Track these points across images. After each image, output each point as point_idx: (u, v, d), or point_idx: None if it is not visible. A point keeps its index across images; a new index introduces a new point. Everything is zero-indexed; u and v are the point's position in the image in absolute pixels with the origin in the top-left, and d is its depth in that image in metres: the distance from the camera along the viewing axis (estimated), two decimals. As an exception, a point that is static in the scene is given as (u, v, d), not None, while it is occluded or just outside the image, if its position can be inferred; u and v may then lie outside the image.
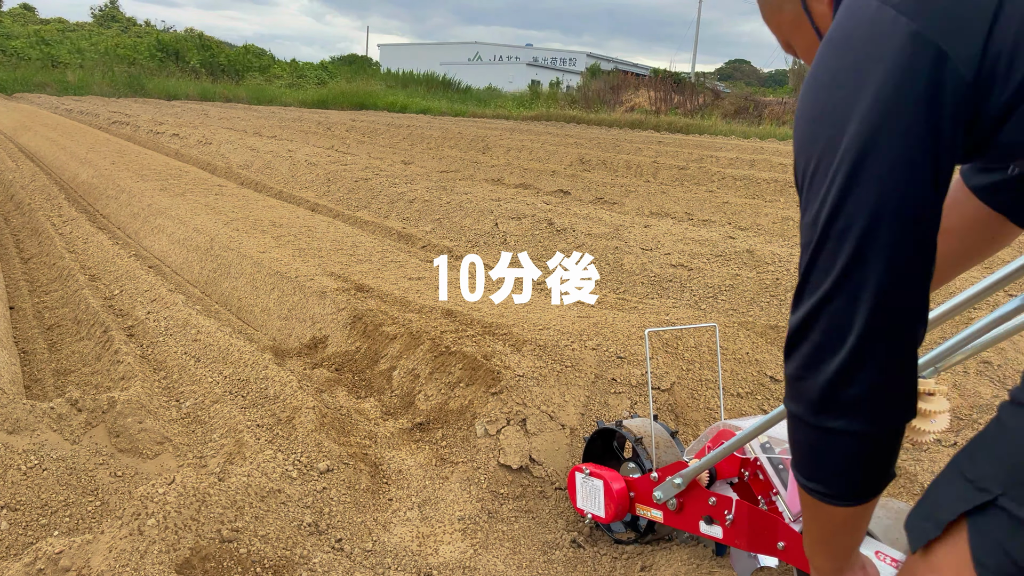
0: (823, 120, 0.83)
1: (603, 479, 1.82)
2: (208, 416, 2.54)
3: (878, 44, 0.77)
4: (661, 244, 4.45)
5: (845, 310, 0.83)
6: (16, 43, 31.41)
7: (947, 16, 0.74)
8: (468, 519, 2.00)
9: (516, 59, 48.26)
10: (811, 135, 0.84)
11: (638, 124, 19.27)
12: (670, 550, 1.82)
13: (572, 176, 8.21)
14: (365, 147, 11.18)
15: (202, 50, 33.96)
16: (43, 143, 10.42)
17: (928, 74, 0.74)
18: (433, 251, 4.88)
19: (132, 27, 46.94)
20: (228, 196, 6.31)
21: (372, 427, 2.35)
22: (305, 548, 1.80)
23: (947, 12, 0.74)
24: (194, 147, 10.40)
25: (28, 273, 4.47)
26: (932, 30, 0.74)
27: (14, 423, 2.08)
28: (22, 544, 1.82)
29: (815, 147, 0.84)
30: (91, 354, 3.13)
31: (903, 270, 0.80)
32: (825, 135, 0.82)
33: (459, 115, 23.28)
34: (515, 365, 2.41)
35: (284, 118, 17.04)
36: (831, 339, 0.84)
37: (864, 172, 0.78)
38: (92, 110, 16.65)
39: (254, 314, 3.64)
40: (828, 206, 0.82)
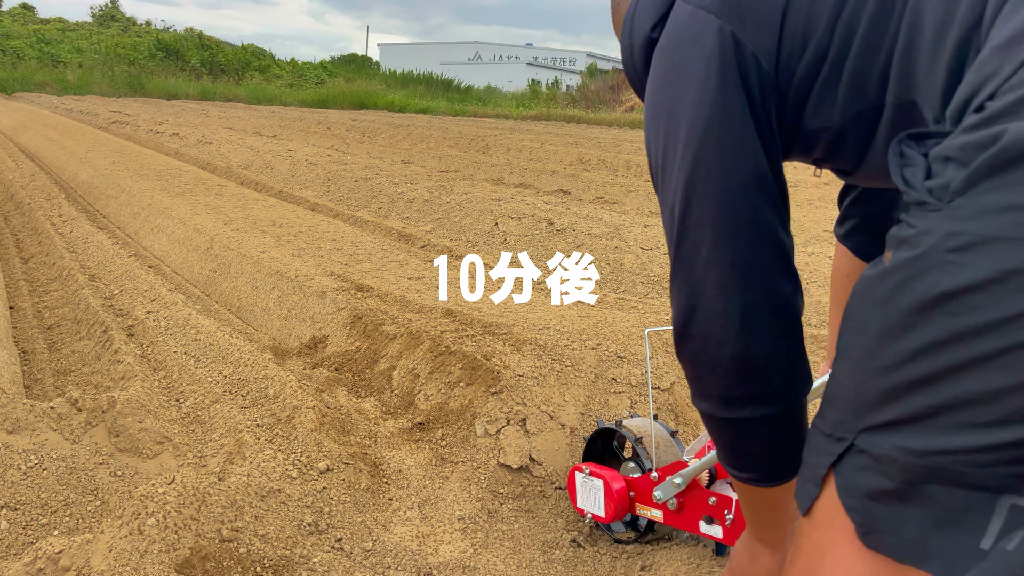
0: (661, 117, 0.91)
1: (603, 479, 1.82)
2: (208, 416, 2.54)
3: (695, 42, 0.86)
4: (661, 244, 4.45)
5: (719, 297, 0.88)
6: (16, 43, 31.42)
7: (746, 12, 0.84)
8: (468, 519, 2.00)
9: (516, 59, 48.27)
10: (654, 132, 0.93)
11: (638, 124, 19.26)
12: (670, 550, 1.82)
13: (572, 176, 8.21)
14: (365, 147, 11.18)
15: (202, 49, 33.97)
16: (43, 143, 10.41)
17: (736, 65, 0.83)
18: (433, 251, 4.88)
19: (132, 26, 46.93)
20: (228, 196, 6.31)
21: (372, 427, 2.35)
22: (305, 548, 1.80)
23: (746, 8, 0.84)
24: (194, 147, 10.40)
25: (28, 273, 4.47)
26: (735, 26, 0.84)
27: (14, 423, 2.08)
28: (22, 544, 1.82)
29: (659, 142, 0.91)
30: (91, 354, 3.13)
31: (763, 240, 0.87)
32: (664, 130, 0.90)
33: (459, 115, 23.28)
34: (515, 365, 2.41)
35: (284, 118, 17.03)
36: (713, 330, 0.90)
37: (704, 157, 0.86)
38: (92, 110, 16.65)
39: (254, 314, 3.64)
40: (680, 196, 0.89)
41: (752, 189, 0.86)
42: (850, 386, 0.69)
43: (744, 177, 0.86)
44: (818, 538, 0.73)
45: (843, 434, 0.70)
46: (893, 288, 0.65)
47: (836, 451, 0.70)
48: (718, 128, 0.85)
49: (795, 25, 0.83)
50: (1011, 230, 0.56)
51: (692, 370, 0.96)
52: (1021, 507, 0.60)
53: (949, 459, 0.61)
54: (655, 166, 0.94)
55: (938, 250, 0.61)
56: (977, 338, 0.58)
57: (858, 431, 0.68)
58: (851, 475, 0.69)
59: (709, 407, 0.96)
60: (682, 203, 0.89)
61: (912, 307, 0.63)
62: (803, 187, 6.85)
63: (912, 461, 0.63)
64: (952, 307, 0.60)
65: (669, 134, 0.90)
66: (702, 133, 0.86)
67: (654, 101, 0.93)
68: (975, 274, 0.58)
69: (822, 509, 0.73)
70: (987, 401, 0.58)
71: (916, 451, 0.63)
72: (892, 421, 0.64)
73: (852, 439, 0.68)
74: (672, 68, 0.89)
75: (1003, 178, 0.58)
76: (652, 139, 0.94)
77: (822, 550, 0.72)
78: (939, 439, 0.61)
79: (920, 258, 0.63)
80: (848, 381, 0.70)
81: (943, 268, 0.60)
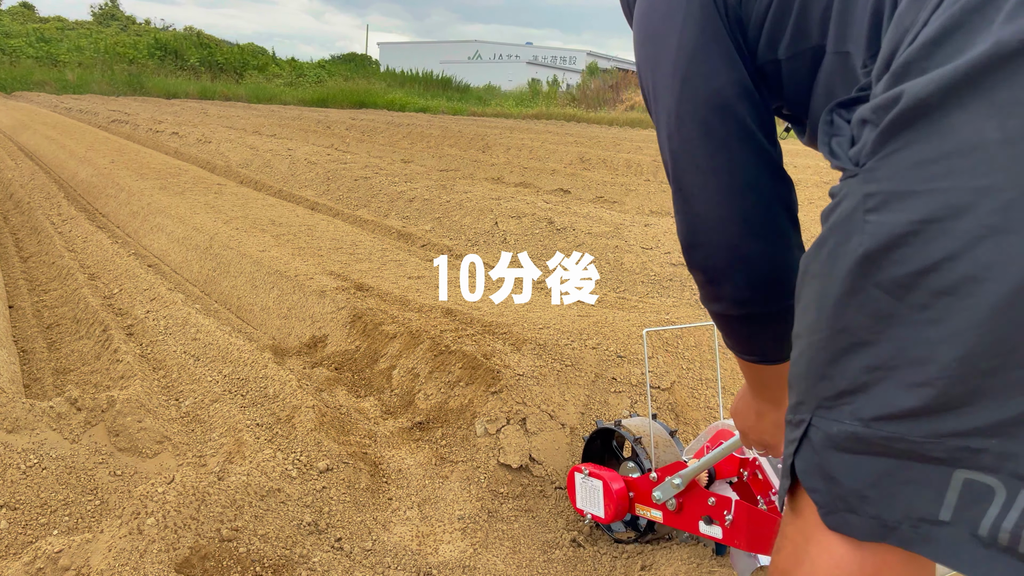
0: (650, 41, 0.97)
1: (602, 479, 1.82)
2: (208, 415, 2.54)
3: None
4: (662, 243, 4.45)
5: (719, 204, 0.94)
6: (15, 41, 31.39)
7: None
8: (468, 518, 2.00)
9: (516, 57, 48.22)
10: (644, 57, 0.98)
11: (638, 123, 19.26)
12: (670, 550, 1.82)
13: (572, 175, 8.21)
14: (365, 146, 11.17)
15: (201, 48, 33.95)
16: (42, 142, 10.41)
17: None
18: (433, 250, 4.88)
19: (131, 25, 46.88)
20: (227, 195, 6.30)
21: (372, 426, 2.35)
22: (305, 547, 1.80)
23: None
24: (193, 146, 10.39)
25: (27, 272, 4.47)
26: None
27: (13, 422, 2.08)
28: (21, 543, 1.82)
29: (649, 65, 0.97)
30: (90, 353, 3.13)
31: (753, 148, 0.92)
32: (654, 53, 0.96)
33: (458, 114, 23.27)
34: (515, 364, 2.41)
35: (284, 116, 17.02)
36: (717, 236, 0.96)
37: (691, 74, 0.91)
38: (91, 108, 16.63)
39: (253, 313, 3.64)
40: (673, 112, 0.94)
41: (737, 100, 0.91)
42: (801, 364, 0.71)
43: (729, 90, 0.91)
44: (801, 525, 0.74)
45: (801, 416, 0.70)
46: (825, 258, 0.67)
47: (797, 435, 0.71)
48: (703, 48, 0.91)
49: None
50: (919, 183, 0.58)
51: (702, 276, 1.01)
52: (975, 481, 0.60)
53: (898, 426, 0.62)
54: (647, 89, 1.00)
55: (858, 212, 0.63)
56: (902, 291, 0.59)
57: (813, 409, 0.69)
58: (808, 456, 0.70)
59: (720, 307, 1.03)
60: (675, 119, 0.94)
61: (843, 271, 0.64)
62: (804, 186, 6.85)
63: (863, 431, 0.64)
64: (876, 266, 0.61)
65: (657, 56, 0.95)
66: (689, 53, 0.91)
67: (642, 26, 0.99)
68: (892, 230, 0.59)
69: (801, 497, 0.73)
70: (923, 358, 0.59)
71: (864, 419, 0.64)
72: (841, 392, 0.65)
73: (809, 419, 0.69)
74: None
75: (908, 136, 0.59)
76: (643, 61, 0.99)
77: (805, 535, 0.73)
78: (884, 403, 0.62)
79: (843, 223, 0.64)
80: (800, 360, 0.71)
81: (863, 229, 0.62)
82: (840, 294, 0.64)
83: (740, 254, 0.95)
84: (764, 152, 0.93)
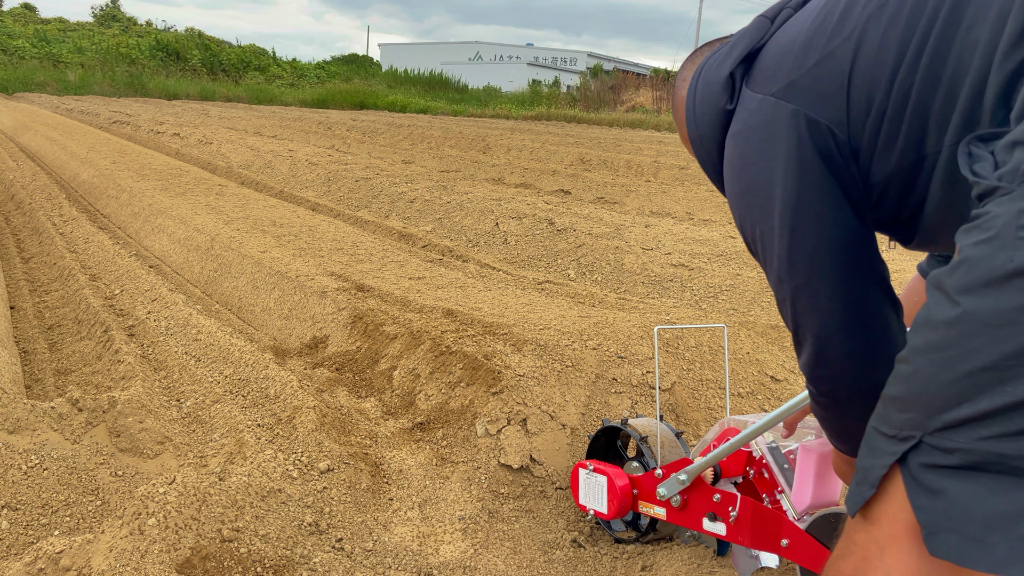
0: (750, 193, 1.00)
1: (607, 475, 1.82)
2: (209, 416, 2.54)
3: (771, 125, 0.96)
4: (662, 244, 4.45)
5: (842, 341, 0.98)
6: (17, 42, 31.43)
7: (813, 92, 0.93)
8: (468, 519, 2.00)
9: (517, 59, 48.23)
10: (745, 207, 1.02)
11: (639, 124, 19.26)
12: (671, 550, 1.82)
13: (573, 176, 8.21)
14: (366, 147, 11.18)
15: (203, 49, 33.97)
16: (44, 143, 10.42)
17: (813, 139, 0.93)
18: (434, 251, 4.88)
19: (133, 26, 46.93)
20: (229, 196, 6.31)
21: (372, 427, 2.35)
22: (305, 548, 1.80)
23: (812, 90, 0.93)
24: (195, 147, 10.40)
25: (29, 273, 4.47)
26: (805, 106, 0.93)
27: (15, 423, 2.08)
28: (23, 544, 1.82)
29: (751, 216, 1.01)
30: (92, 354, 3.13)
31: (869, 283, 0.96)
32: (757, 204, 0.99)
33: (458, 115, 23.27)
34: (516, 365, 2.41)
35: (285, 118, 17.03)
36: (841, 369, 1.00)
37: (799, 226, 0.95)
38: (93, 109, 16.65)
39: (255, 314, 3.64)
40: (785, 262, 0.98)
41: (846, 241, 0.95)
42: (920, 383, 0.69)
43: (837, 232, 0.94)
44: (877, 534, 0.74)
45: (911, 432, 0.70)
46: (964, 276, 0.65)
47: (900, 450, 0.70)
48: (806, 197, 0.94)
49: (859, 90, 0.90)
50: None
51: (825, 401, 1.06)
52: None
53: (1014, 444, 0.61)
54: (750, 239, 1.04)
55: (1010, 228, 0.62)
56: None
57: (932, 429, 0.68)
58: (919, 472, 0.69)
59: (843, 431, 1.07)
60: (787, 265, 0.98)
61: (986, 290, 0.63)
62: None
63: (987, 447, 0.63)
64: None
65: (760, 209, 0.99)
66: (793, 204, 0.95)
67: (739, 180, 1.02)
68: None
69: (882, 507, 0.73)
70: None
71: (984, 437, 0.63)
72: (972, 416, 0.64)
73: (920, 436, 0.68)
74: (752, 152, 0.99)
75: None
76: (744, 213, 1.03)
77: (881, 545, 0.73)
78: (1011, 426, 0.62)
79: (991, 240, 0.63)
80: (918, 378, 0.70)
81: (1016, 245, 0.61)
82: (979, 313, 0.63)
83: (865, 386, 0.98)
84: (878, 282, 0.97)
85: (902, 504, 0.71)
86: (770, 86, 0.97)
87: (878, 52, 0.88)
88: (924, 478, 0.68)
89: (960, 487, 0.65)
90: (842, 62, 0.91)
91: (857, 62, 0.90)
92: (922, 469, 0.69)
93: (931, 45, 0.83)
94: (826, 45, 0.93)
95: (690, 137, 1.15)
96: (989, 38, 0.78)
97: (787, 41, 0.98)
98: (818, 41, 0.94)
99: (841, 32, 0.92)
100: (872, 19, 0.89)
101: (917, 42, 0.85)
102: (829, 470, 1.51)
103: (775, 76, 0.97)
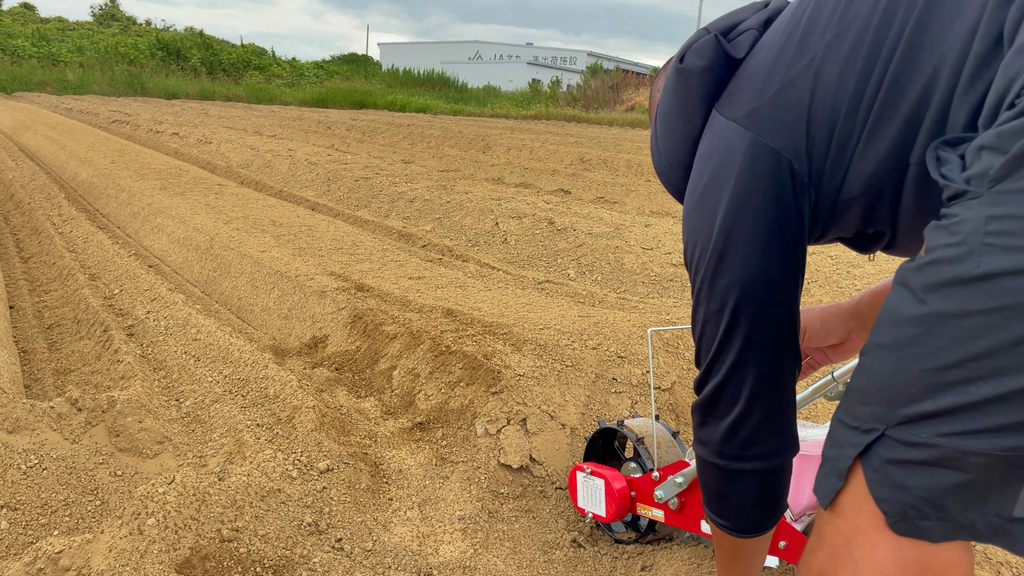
0: (697, 214, 1.01)
1: (604, 478, 1.82)
2: (208, 415, 2.54)
3: (728, 151, 0.96)
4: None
5: (732, 370, 1.01)
6: (16, 42, 31.42)
7: (773, 120, 0.93)
8: (468, 519, 2.00)
9: (516, 58, 48.24)
10: (690, 227, 1.03)
11: (639, 123, 19.25)
12: (670, 550, 1.82)
13: (573, 175, 8.21)
14: (365, 146, 11.17)
15: (203, 48, 33.96)
16: (43, 142, 10.41)
17: (768, 169, 0.92)
18: (433, 250, 4.88)
19: (132, 26, 46.93)
20: (228, 195, 6.30)
21: (372, 427, 2.34)
22: (305, 548, 1.80)
23: (772, 118, 0.93)
24: (194, 146, 10.40)
25: (28, 272, 4.47)
26: (765, 135, 0.93)
27: (14, 422, 2.08)
28: (22, 544, 1.82)
29: (693, 237, 1.02)
30: (91, 353, 3.13)
31: (773, 331, 0.99)
32: (700, 226, 1.01)
33: (458, 114, 23.27)
34: (515, 365, 2.41)
35: (284, 117, 17.03)
36: (725, 395, 1.03)
37: (728, 254, 0.97)
38: (92, 109, 16.64)
39: (254, 313, 3.64)
40: (705, 286, 1.01)
41: (771, 283, 0.97)
42: (884, 377, 0.71)
43: (766, 270, 0.96)
44: (842, 526, 0.75)
45: (873, 425, 0.71)
46: (931, 276, 0.67)
47: (863, 442, 0.71)
48: (741, 237, 0.96)
49: (821, 116, 0.89)
50: None
51: (699, 417, 1.09)
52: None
53: (979, 441, 0.63)
54: (691, 257, 1.05)
55: (977, 234, 0.63)
56: (1019, 319, 0.59)
57: (894, 423, 0.69)
58: (881, 466, 0.70)
59: (706, 453, 1.09)
60: (707, 292, 1.01)
61: (952, 292, 0.64)
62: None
63: (944, 445, 0.65)
64: (990, 288, 0.61)
65: (703, 231, 1.00)
66: (727, 236, 0.96)
67: (692, 199, 1.04)
68: (1019, 256, 0.59)
69: (847, 499, 0.74)
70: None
71: (946, 434, 0.64)
72: (931, 413, 0.66)
73: (883, 429, 0.70)
74: (707, 173, 1.00)
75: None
76: (688, 232, 1.05)
77: (847, 538, 0.74)
78: (976, 423, 0.63)
79: (959, 244, 0.64)
80: (882, 372, 0.71)
81: (982, 251, 0.62)
82: (944, 313, 0.65)
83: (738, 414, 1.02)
84: (789, 328, 1.00)
85: (864, 495, 0.72)
86: (735, 111, 0.97)
87: (839, 80, 0.87)
88: (886, 471, 0.70)
89: (921, 481, 0.67)
90: (802, 91, 0.91)
91: (817, 91, 0.89)
92: (884, 463, 0.70)
93: (891, 73, 0.83)
94: (786, 72, 0.92)
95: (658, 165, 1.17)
96: (952, 66, 0.78)
97: (755, 65, 0.98)
98: (780, 67, 0.94)
99: (801, 60, 0.91)
100: (830, 49, 0.88)
101: (879, 69, 0.85)
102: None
103: (740, 101, 0.97)
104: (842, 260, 4.19)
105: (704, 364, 1.06)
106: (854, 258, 4.24)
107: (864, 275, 3.94)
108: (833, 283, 3.83)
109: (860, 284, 3.81)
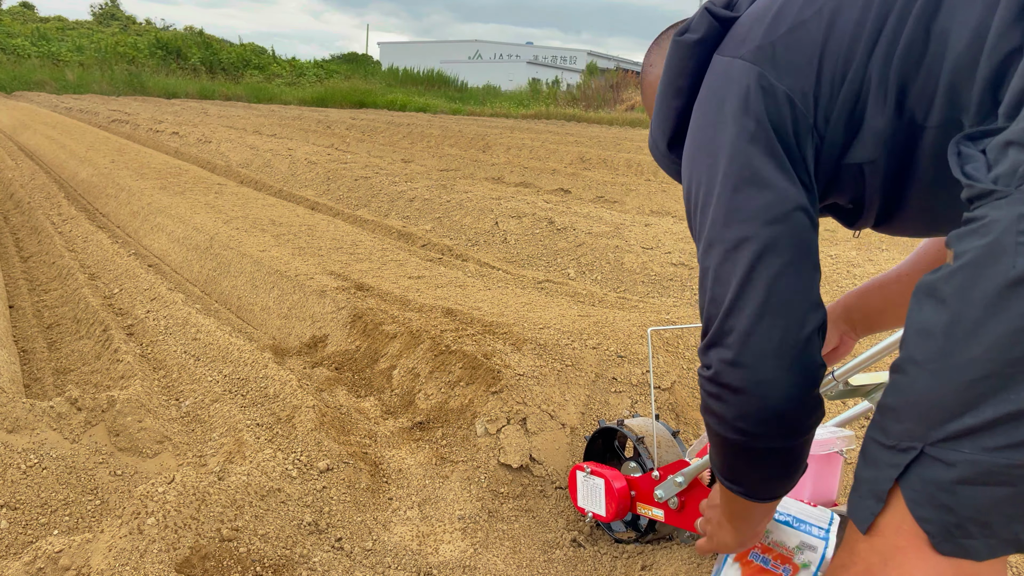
0: (700, 152, 0.95)
1: (604, 478, 1.82)
2: (208, 415, 2.54)
3: (732, 86, 0.92)
4: (662, 243, 4.44)
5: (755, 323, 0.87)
6: (16, 41, 31.40)
7: (780, 56, 0.90)
8: (468, 518, 2.00)
9: (516, 57, 48.21)
10: (693, 166, 0.97)
11: (639, 122, 19.25)
12: (670, 550, 1.82)
13: (572, 175, 8.21)
14: (365, 145, 11.17)
15: (203, 48, 33.95)
16: (42, 141, 10.41)
17: (774, 107, 0.88)
18: (433, 250, 4.88)
19: (132, 25, 46.91)
20: (228, 195, 6.30)
21: (372, 426, 2.34)
22: (305, 547, 1.80)
23: (781, 53, 0.90)
24: (194, 145, 10.39)
25: (27, 272, 4.47)
26: (772, 72, 0.89)
27: (14, 422, 2.08)
28: (22, 543, 1.82)
29: (697, 176, 0.96)
30: (91, 353, 3.13)
31: (792, 266, 0.88)
32: (704, 164, 0.94)
33: (458, 113, 23.26)
34: (515, 364, 2.41)
35: (284, 116, 17.02)
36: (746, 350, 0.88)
37: (741, 190, 0.89)
38: (92, 108, 16.64)
39: (254, 313, 3.63)
40: (719, 224, 0.91)
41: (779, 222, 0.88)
42: (918, 393, 0.68)
43: (775, 210, 0.88)
44: (880, 545, 0.73)
45: (910, 443, 0.68)
46: (963, 283, 0.64)
47: (902, 462, 0.69)
48: (750, 170, 0.89)
49: (833, 63, 0.86)
50: None
51: (710, 389, 0.95)
52: None
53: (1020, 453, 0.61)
54: (696, 198, 0.96)
55: (1010, 233, 0.60)
56: None
57: (933, 440, 0.66)
58: (922, 485, 0.68)
59: (722, 428, 0.95)
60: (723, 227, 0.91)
61: (986, 297, 0.61)
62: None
63: (986, 461, 0.63)
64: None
65: (708, 168, 0.93)
66: (736, 171, 0.89)
67: (694, 139, 0.98)
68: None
69: (885, 519, 0.72)
70: None
71: (989, 448, 0.62)
72: (972, 428, 0.63)
73: (921, 447, 0.67)
74: (710, 111, 0.94)
75: None
76: (691, 171, 0.97)
77: (884, 557, 0.72)
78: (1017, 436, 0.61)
79: (991, 245, 0.62)
80: (915, 388, 0.68)
81: (1017, 251, 0.59)
82: (979, 320, 0.62)
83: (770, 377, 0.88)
84: (809, 277, 0.89)
85: (904, 515, 0.70)
86: (739, 49, 0.94)
87: (855, 28, 0.85)
88: (929, 491, 0.67)
89: (967, 499, 0.65)
90: (814, 33, 0.88)
91: (831, 37, 0.87)
92: (925, 483, 0.67)
93: (911, 25, 0.81)
94: (798, 14, 0.90)
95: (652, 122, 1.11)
96: (977, 21, 0.76)
97: (759, 10, 0.95)
98: (790, 9, 0.91)
99: (812, 4, 0.89)
100: None
101: (894, 21, 0.83)
102: (826, 470, 1.51)
103: (745, 40, 0.94)
104: (842, 260, 4.19)
105: (720, 313, 0.91)
106: (854, 257, 4.24)
107: (864, 275, 3.94)
108: (833, 283, 3.83)
109: (860, 283, 3.82)
